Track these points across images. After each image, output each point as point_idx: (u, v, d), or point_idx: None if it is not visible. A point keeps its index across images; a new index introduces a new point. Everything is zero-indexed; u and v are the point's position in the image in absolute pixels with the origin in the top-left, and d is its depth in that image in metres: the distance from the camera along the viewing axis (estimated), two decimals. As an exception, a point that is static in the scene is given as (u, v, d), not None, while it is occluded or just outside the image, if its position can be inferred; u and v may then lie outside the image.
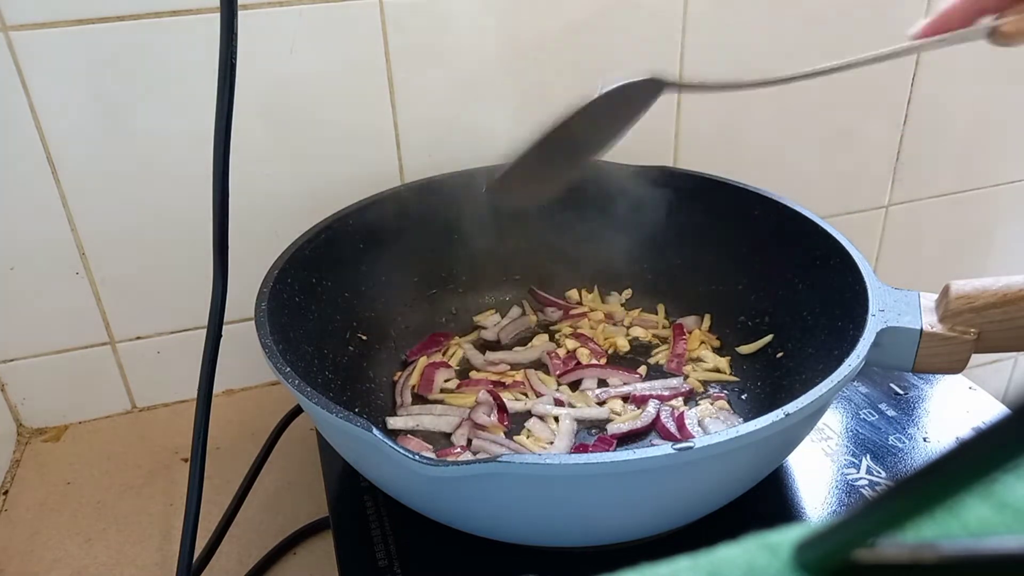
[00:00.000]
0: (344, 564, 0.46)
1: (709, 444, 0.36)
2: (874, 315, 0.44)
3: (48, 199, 0.60)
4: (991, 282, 0.43)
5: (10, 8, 0.54)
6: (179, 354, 0.68)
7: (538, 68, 0.67)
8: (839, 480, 0.50)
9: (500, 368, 0.61)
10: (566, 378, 0.60)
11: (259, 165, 0.63)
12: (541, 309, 0.68)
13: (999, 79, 0.82)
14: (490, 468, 0.35)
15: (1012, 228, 0.93)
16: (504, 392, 0.58)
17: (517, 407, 0.57)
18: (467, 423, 0.55)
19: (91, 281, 0.63)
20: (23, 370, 0.65)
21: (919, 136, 0.82)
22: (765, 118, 0.76)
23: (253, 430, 0.66)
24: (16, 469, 0.63)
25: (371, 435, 0.37)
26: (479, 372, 0.61)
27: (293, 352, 0.49)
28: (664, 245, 0.66)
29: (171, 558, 0.54)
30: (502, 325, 0.66)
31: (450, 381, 0.60)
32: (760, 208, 0.59)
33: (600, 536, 0.43)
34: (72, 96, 0.57)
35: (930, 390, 0.58)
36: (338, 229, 0.58)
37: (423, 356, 0.62)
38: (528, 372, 0.60)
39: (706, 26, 0.69)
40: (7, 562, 0.54)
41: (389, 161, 0.67)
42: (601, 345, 0.63)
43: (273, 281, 0.50)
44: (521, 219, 0.66)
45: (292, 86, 0.61)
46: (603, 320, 0.66)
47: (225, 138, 0.45)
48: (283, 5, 0.59)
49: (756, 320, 0.60)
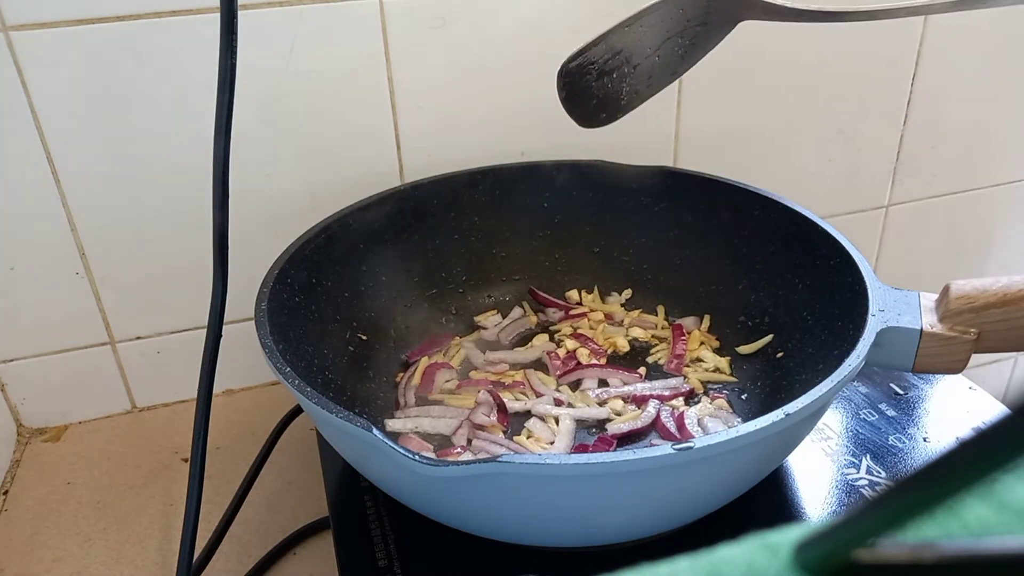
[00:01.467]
0: (344, 564, 0.46)
1: (709, 444, 0.36)
2: (874, 315, 0.44)
3: (48, 199, 0.60)
4: (991, 282, 0.43)
5: (10, 8, 0.54)
6: (179, 354, 0.68)
7: (538, 68, 0.67)
8: (839, 480, 0.50)
9: (500, 368, 0.61)
10: (566, 378, 0.60)
11: (259, 165, 0.63)
12: (541, 310, 0.68)
13: (999, 79, 0.82)
14: (490, 468, 0.35)
15: (1012, 228, 0.93)
16: (504, 392, 0.58)
17: (517, 407, 0.57)
18: (467, 423, 0.55)
19: (91, 281, 0.63)
20: (23, 370, 0.65)
21: (919, 136, 0.82)
22: (765, 118, 0.76)
23: (253, 430, 0.66)
24: (16, 469, 0.63)
25: (371, 435, 0.37)
26: (479, 372, 0.61)
27: (293, 352, 0.49)
28: (664, 245, 0.66)
29: (171, 558, 0.54)
30: (503, 326, 0.66)
31: (450, 382, 0.60)
32: (760, 208, 0.59)
33: (600, 536, 0.43)
34: (72, 96, 0.57)
35: (930, 390, 0.58)
36: (338, 229, 0.58)
37: (424, 357, 0.62)
38: (528, 372, 0.60)
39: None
40: (7, 562, 0.54)
41: (389, 161, 0.67)
42: (601, 345, 0.63)
43: (273, 281, 0.50)
44: (522, 219, 0.66)
45: (292, 86, 0.61)
46: (603, 320, 0.66)
47: (225, 138, 0.45)
48: (283, 5, 0.59)
49: (756, 320, 0.60)
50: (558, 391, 0.58)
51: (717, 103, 0.73)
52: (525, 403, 0.57)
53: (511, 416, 0.56)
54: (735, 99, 0.74)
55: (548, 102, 0.69)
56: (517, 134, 0.69)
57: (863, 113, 0.79)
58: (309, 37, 0.60)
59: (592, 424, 0.55)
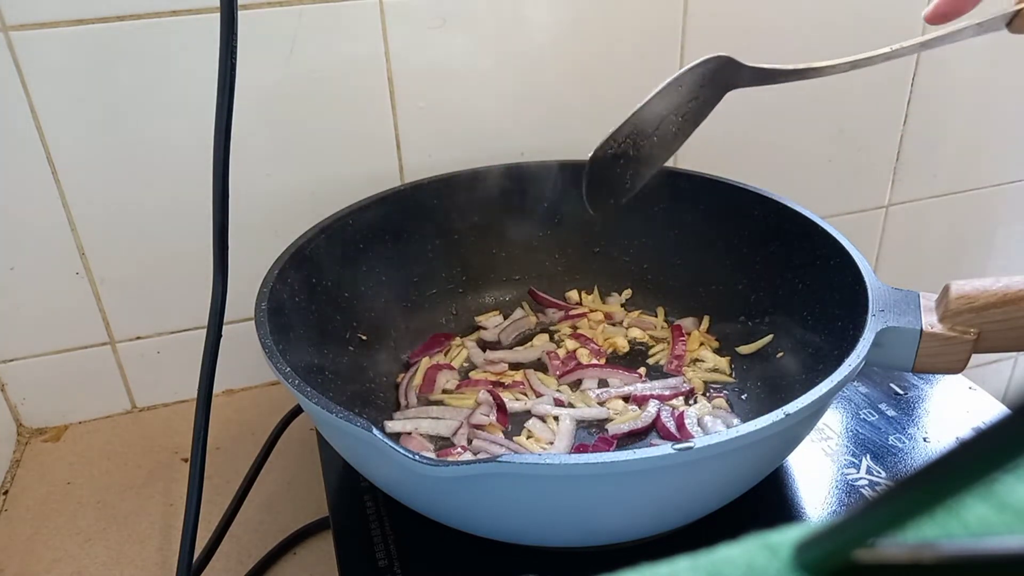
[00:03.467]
0: (344, 564, 0.46)
1: (709, 444, 0.36)
2: (874, 315, 0.44)
3: (48, 199, 0.60)
4: (991, 282, 0.43)
5: (10, 8, 0.54)
6: (179, 354, 0.68)
7: (538, 67, 0.67)
8: (839, 480, 0.50)
9: (500, 368, 0.61)
10: (566, 378, 0.60)
11: (259, 165, 0.63)
12: (541, 310, 0.68)
13: (999, 79, 0.82)
14: (490, 468, 0.35)
15: (1012, 228, 0.93)
16: (504, 392, 0.58)
17: (517, 407, 0.57)
18: (467, 424, 0.55)
19: (91, 281, 0.63)
20: (23, 370, 0.65)
21: (919, 136, 0.82)
22: (765, 118, 0.76)
23: (253, 430, 0.66)
24: (16, 469, 0.63)
25: (371, 435, 0.37)
26: (479, 372, 0.61)
27: (293, 352, 0.49)
28: (664, 245, 0.66)
29: (171, 558, 0.54)
30: (503, 326, 0.66)
31: (450, 382, 0.60)
32: (760, 208, 0.59)
33: (600, 536, 0.43)
34: (72, 96, 0.57)
35: (930, 390, 0.58)
36: (338, 229, 0.58)
37: (425, 357, 0.62)
38: (528, 372, 0.60)
39: (707, 23, 0.69)
40: (7, 562, 0.54)
41: (389, 161, 0.67)
42: (601, 345, 0.63)
43: (273, 281, 0.50)
44: (522, 219, 0.66)
45: (292, 86, 0.61)
46: (603, 321, 0.66)
47: (225, 138, 0.45)
48: (283, 5, 0.59)
49: (756, 320, 0.60)
50: (558, 391, 0.58)
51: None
52: (525, 403, 0.57)
53: (511, 416, 0.56)
54: (735, 99, 0.73)
55: (548, 102, 0.69)
56: (517, 134, 0.69)
57: (863, 113, 0.79)
58: (309, 37, 0.60)
59: (592, 424, 0.55)
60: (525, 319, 0.67)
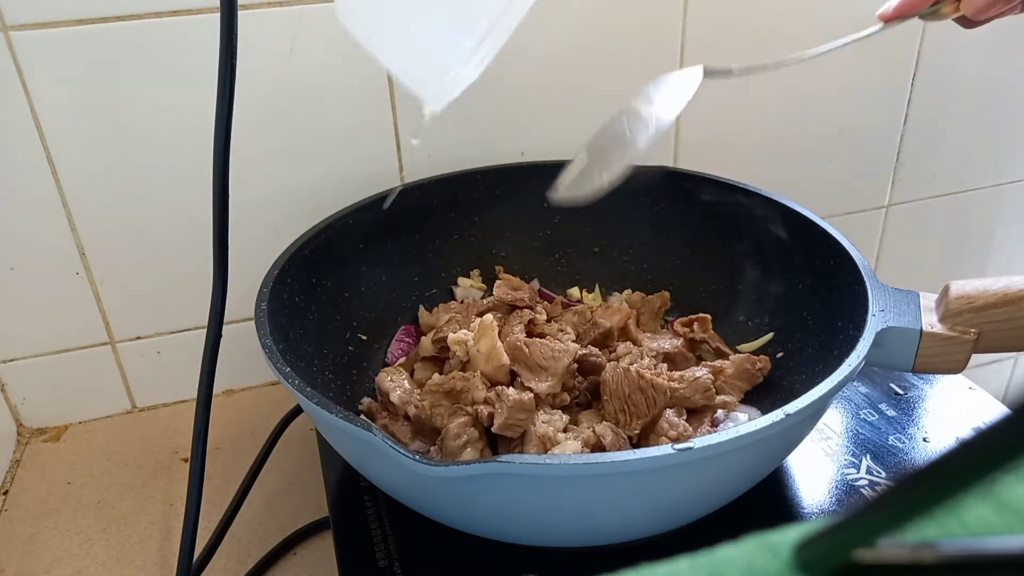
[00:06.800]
0: (344, 564, 0.46)
1: (709, 444, 0.36)
2: (874, 315, 0.44)
3: (48, 199, 0.60)
4: (991, 282, 0.43)
5: (10, 8, 0.54)
6: (179, 354, 0.68)
7: (538, 67, 0.67)
8: (839, 480, 0.50)
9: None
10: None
11: (259, 165, 0.63)
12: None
13: (999, 79, 0.82)
14: (490, 468, 0.35)
15: (1012, 228, 0.94)
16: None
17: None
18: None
19: (91, 281, 0.63)
20: (23, 370, 0.65)
21: (919, 136, 0.82)
22: (765, 118, 0.76)
23: (253, 430, 0.66)
24: (16, 469, 0.63)
25: (371, 435, 0.37)
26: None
27: (293, 352, 0.49)
28: (664, 245, 0.66)
29: (171, 558, 0.54)
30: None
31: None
32: (760, 208, 0.59)
33: (600, 536, 0.43)
34: (72, 96, 0.57)
35: (930, 390, 0.58)
36: (338, 229, 0.58)
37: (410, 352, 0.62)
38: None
39: (706, 17, 0.69)
40: (7, 562, 0.54)
41: (389, 161, 0.67)
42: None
43: (273, 281, 0.50)
44: (522, 219, 0.66)
45: (292, 86, 0.61)
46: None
47: (225, 138, 0.45)
48: (283, 5, 0.59)
49: (756, 320, 0.60)
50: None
51: (717, 103, 0.73)
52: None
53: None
54: (735, 99, 0.74)
55: (548, 102, 0.69)
56: (517, 134, 0.69)
57: (863, 113, 0.79)
58: (309, 37, 0.60)
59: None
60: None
